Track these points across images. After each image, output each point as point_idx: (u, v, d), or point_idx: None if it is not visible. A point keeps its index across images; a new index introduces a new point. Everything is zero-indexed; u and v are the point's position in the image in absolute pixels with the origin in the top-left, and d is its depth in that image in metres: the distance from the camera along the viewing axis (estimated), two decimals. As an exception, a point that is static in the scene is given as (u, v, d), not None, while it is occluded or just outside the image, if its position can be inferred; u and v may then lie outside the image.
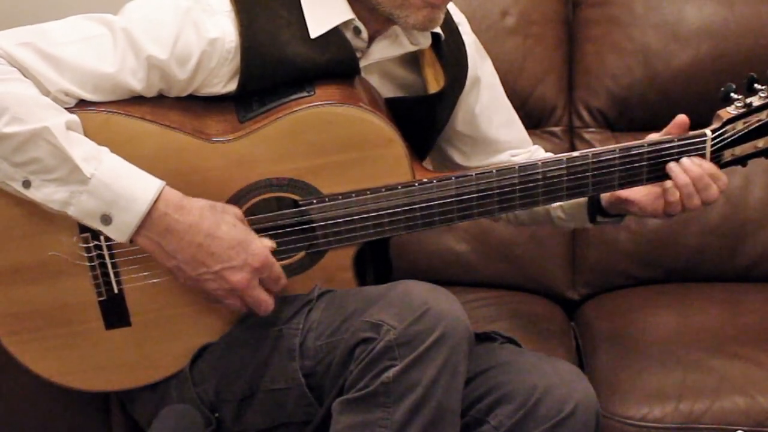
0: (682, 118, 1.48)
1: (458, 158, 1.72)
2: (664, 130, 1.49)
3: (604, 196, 1.57)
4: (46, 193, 1.33)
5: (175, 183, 1.38)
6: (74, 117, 1.36)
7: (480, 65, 1.68)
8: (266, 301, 1.42)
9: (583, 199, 1.61)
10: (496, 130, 1.71)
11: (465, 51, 1.63)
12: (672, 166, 1.46)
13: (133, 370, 1.49)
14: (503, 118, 1.73)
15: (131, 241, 1.36)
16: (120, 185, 1.33)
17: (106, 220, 1.34)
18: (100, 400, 1.68)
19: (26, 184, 1.34)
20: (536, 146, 1.77)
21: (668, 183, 1.48)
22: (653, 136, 1.50)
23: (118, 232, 1.35)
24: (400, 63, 1.59)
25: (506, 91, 1.78)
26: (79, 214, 1.34)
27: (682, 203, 1.48)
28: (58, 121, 1.32)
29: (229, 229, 1.38)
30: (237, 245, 1.38)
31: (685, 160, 1.46)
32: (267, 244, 1.42)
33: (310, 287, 1.46)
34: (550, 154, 1.77)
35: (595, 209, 1.60)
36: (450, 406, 1.34)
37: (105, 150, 1.36)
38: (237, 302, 1.41)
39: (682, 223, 2.07)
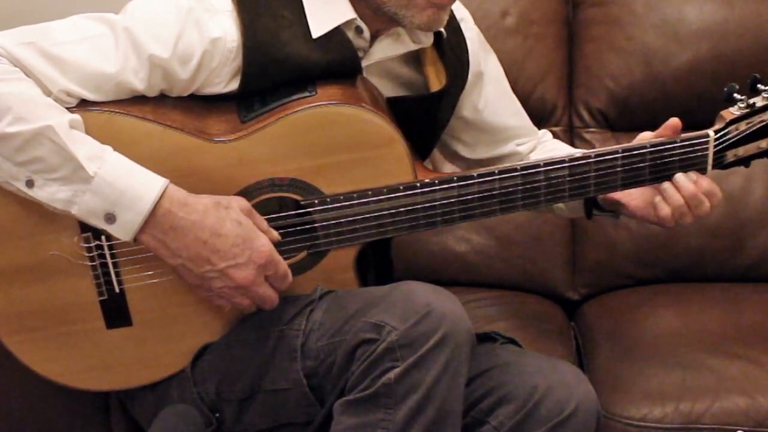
0: (674, 121, 1.48)
1: (463, 151, 1.73)
2: (657, 132, 1.49)
3: None
4: (50, 192, 1.33)
5: (176, 183, 1.37)
6: (77, 116, 1.35)
7: (484, 59, 1.68)
8: (271, 297, 1.42)
9: None
10: (504, 120, 1.71)
11: (466, 48, 1.63)
12: (667, 186, 1.47)
13: (133, 370, 1.49)
14: (510, 110, 1.74)
15: (135, 239, 1.36)
16: (124, 184, 1.33)
17: (110, 218, 1.34)
18: (100, 400, 1.67)
19: (29, 183, 1.33)
20: (544, 130, 1.77)
21: (658, 197, 1.48)
22: (645, 135, 1.50)
23: (123, 230, 1.34)
24: (402, 62, 1.59)
25: (506, 91, 1.77)
26: (83, 213, 1.34)
27: (675, 219, 1.49)
28: (61, 120, 1.32)
29: (234, 226, 1.37)
30: (241, 243, 1.37)
31: (680, 176, 1.46)
32: (274, 236, 1.42)
33: (311, 287, 1.46)
34: (557, 142, 1.79)
35: (591, 203, 1.60)
36: (451, 408, 1.34)
37: (108, 148, 1.35)
38: (244, 300, 1.41)
39: (682, 223, 2.08)
